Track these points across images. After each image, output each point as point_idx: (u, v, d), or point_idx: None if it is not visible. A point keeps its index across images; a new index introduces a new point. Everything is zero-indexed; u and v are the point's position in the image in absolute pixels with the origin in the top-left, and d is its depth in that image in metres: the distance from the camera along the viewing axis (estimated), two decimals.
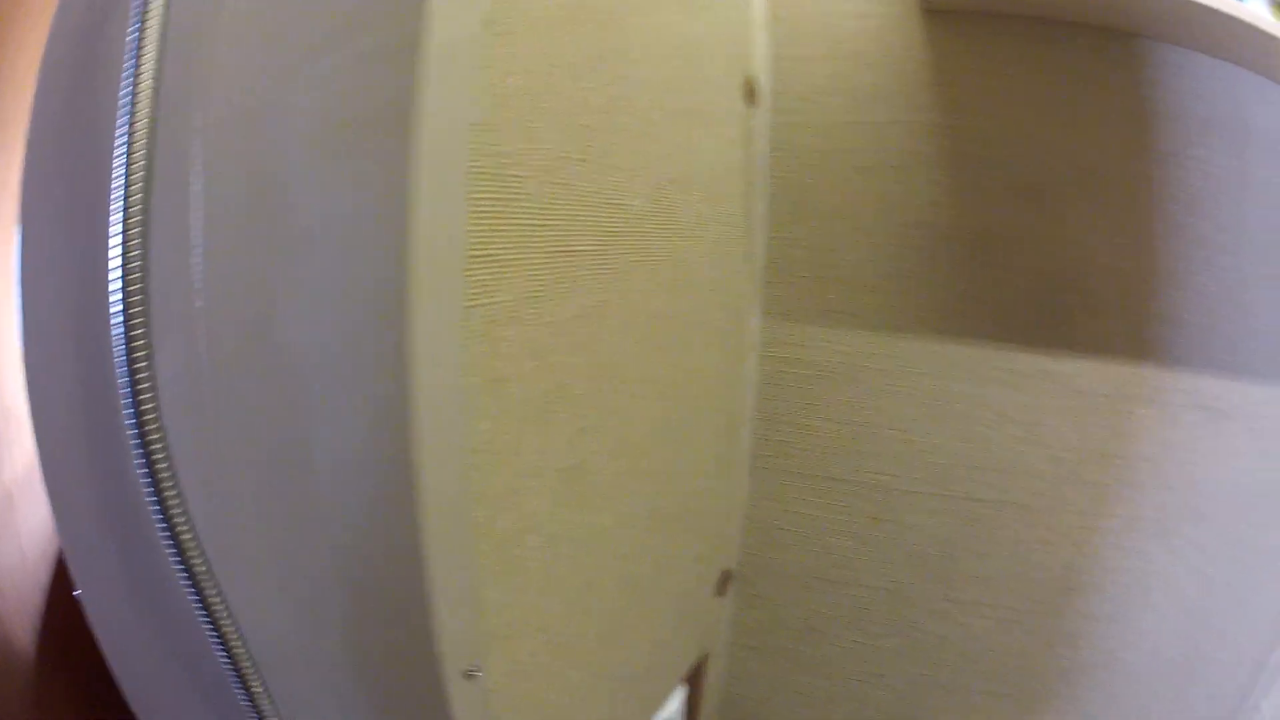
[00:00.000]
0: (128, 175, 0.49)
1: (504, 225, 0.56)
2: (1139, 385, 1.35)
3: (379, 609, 0.55)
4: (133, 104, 0.49)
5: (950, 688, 1.52)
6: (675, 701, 1.26)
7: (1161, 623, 1.46)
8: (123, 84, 0.50)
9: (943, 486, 1.38)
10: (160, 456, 0.51)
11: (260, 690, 0.57)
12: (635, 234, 0.74)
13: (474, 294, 0.54)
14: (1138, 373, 1.35)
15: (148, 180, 0.50)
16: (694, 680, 1.42)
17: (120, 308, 0.49)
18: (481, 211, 0.53)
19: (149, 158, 0.50)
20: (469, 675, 0.59)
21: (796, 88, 1.27)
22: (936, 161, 1.28)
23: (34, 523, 0.71)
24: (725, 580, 1.41)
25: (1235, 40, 1.21)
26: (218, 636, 0.55)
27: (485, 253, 0.54)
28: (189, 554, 0.53)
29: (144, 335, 0.50)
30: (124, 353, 0.50)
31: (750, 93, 1.18)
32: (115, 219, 0.49)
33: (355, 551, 0.54)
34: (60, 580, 0.72)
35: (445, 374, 0.51)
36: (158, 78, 0.50)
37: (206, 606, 0.54)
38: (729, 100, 1.07)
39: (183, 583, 0.53)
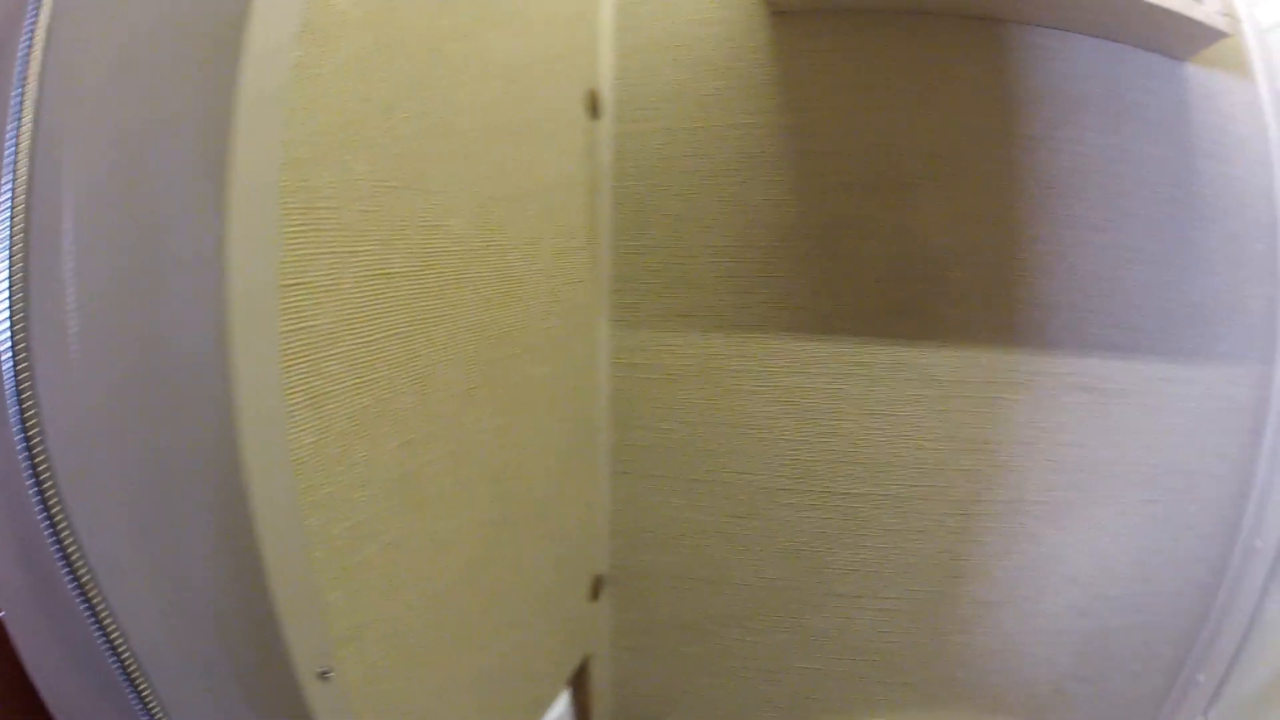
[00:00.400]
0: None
1: (318, 254, 0.60)
2: (1008, 370, 1.37)
3: (236, 613, 0.60)
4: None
5: (846, 679, 1.53)
6: (560, 705, 1.26)
7: (1061, 603, 1.49)
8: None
9: (808, 482, 1.39)
10: (44, 469, 0.56)
11: (148, 690, 0.60)
12: (457, 252, 0.78)
13: (291, 319, 0.58)
14: (1005, 358, 1.36)
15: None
16: (579, 684, 1.43)
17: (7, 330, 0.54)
18: (295, 243, 0.58)
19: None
20: (322, 676, 0.63)
21: (642, 97, 1.29)
22: (780, 161, 1.29)
23: None
24: (597, 584, 1.42)
25: (1111, 15, 1.24)
26: (104, 638, 0.58)
27: (301, 281, 0.58)
28: (74, 561, 0.57)
29: (25, 352, 0.55)
30: (11, 373, 0.54)
31: (593, 105, 1.21)
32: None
33: (211, 558, 0.58)
34: None
35: (266, 394, 0.55)
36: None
37: (93, 610, 0.58)
38: (569, 114, 1.11)
39: (70, 588, 0.57)
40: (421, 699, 0.80)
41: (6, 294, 0.54)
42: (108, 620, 0.59)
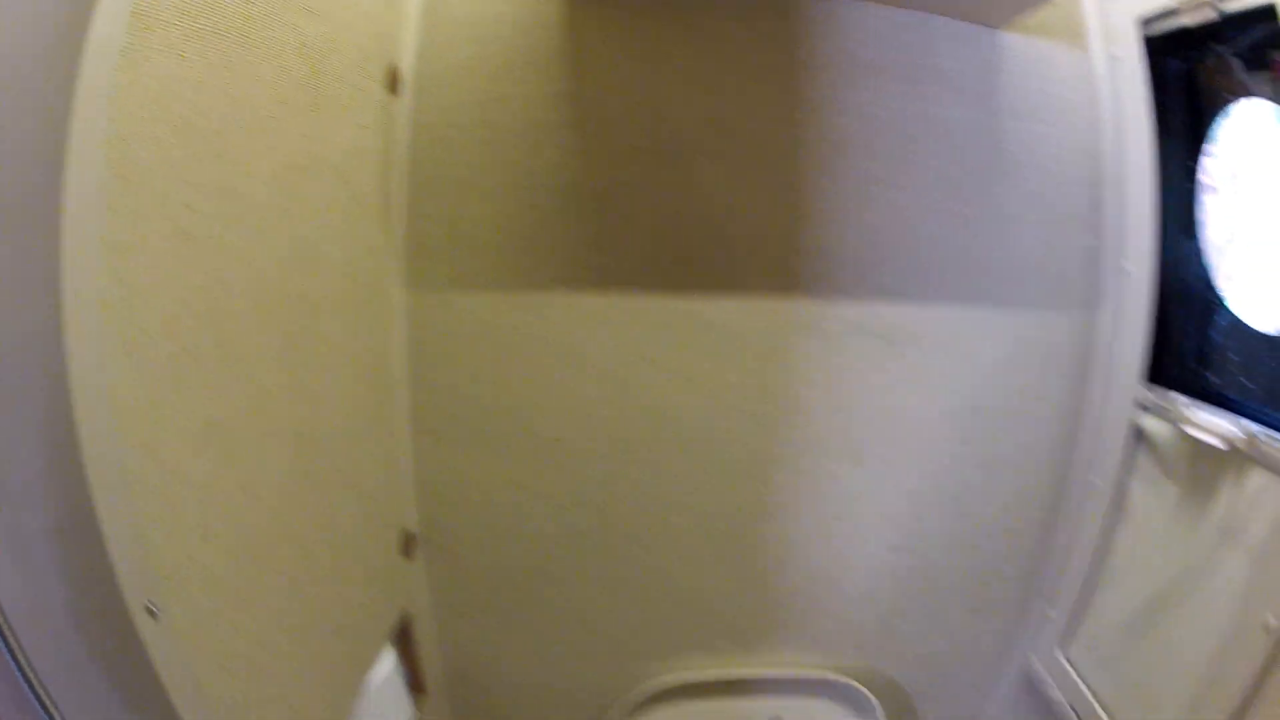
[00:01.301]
0: None
1: (129, 217, 0.66)
2: (794, 318, 1.42)
3: (67, 542, 0.64)
4: None
5: (660, 626, 1.59)
6: (387, 663, 1.29)
7: (875, 540, 1.56)
8: None
9: (595, 433, 1.45)
10: None
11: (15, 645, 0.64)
12: (254, 218, 0.84)
13: (107, 278, 0.64)
14: (790, 306, 1.42)
15: None
16: (405, 643, 1.44)
17: None
18: (114, 209, 0.65)
19: None
20: (150, 611, 0.69)
21: (439, 72, 1.32)
22: (563, 128, 1.34)
23: None
24: (408, 541, 1.45)
25: None
26: None
27: (115, 240, 0.65)
28: None
29: None
30: None
31: (392, 82, 1.26)
32: None
33: (44, 495, 0.64)
34: None
35: (88, 343, 0.62)
36: None
37: None
38: (367, 91, 1.16)
39: None
40: (245, 644, 0.85)
41: None
42: None
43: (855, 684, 1.62)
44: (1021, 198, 1.43)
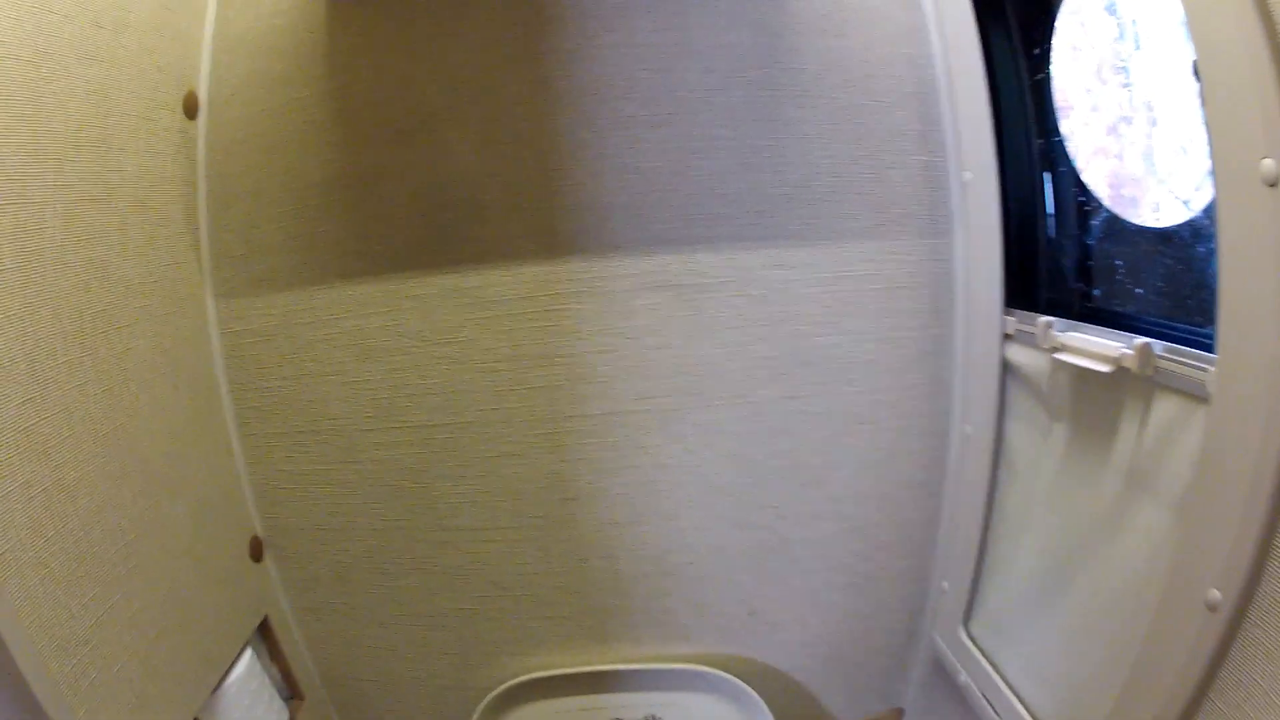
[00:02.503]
0: None
1: None
2: (568, 280, 1.39)
3: None
4: None
5: (501, 619, 1.59)
6: (244, 662, 1.32)
7: (712, 515, 1.51)
8: None
9: (389, 419, 1.46)
10: None
11: None
12: (52, 249, 0.97)
13: None
14: (561, 268, 1.38)
15: None
16: (272, 645, 1.49)
17: None
18: None
19: None
20: None
21: (229, 90, 1.38)
22: (326, 124, 1.37)
23: None
24: (257, 546, 1.50)
25: None
26: None
27: None
28: None
29: None
30: None
31: (190, 107, 1.33)
32: None
33: None
34: None
35: None
36: None
37: None
38: (161, 120, 1.26)
39: None
40: (85, 631, 0.95)
41: None
42: None
43: (727, 676, 1.56)
44: (827, 120, 1.34)
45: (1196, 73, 0.81)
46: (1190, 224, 0.99)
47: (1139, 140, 1.08)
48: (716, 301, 1.39)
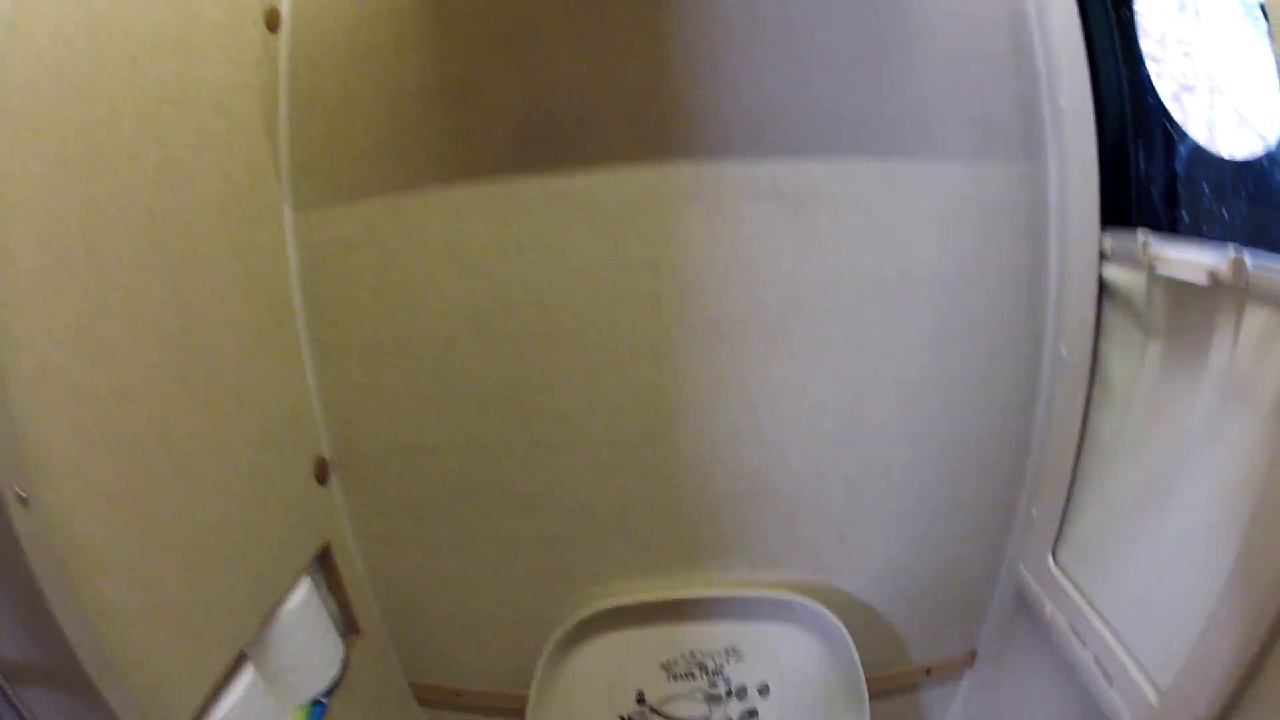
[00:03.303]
0: None
1: (11, 153, 0.81)
2: (678, 183, 1.35)
3: None
4: None
5: (594, 546, 1.58)
6: (301, 591, 1.29)
7: (813, 436, 1.47)
8: None
9: (484, 330, 1.42)
10: None
11: None
12: (124, 145, 0.96)
13: None
14: (672, 171, 1.35)
15: None
16: (331, 574, 1.48)
17: None
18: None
19: None
20: (23, 501, 0.74)
21: (312, 4, 1.35)
22: (423, 32, 1.33)
23: None
24: (323, 468, 1.47)
25: None
26: None
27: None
28: None
29: None
30: None
31: (273, 21, 1.33)
32: None
33: None
34: None
35: None
36: None
37: None
38: (244, 31, 1.26)
39: None
40: (126, 551, 0.91)
41: None
42: None
43: (811, 604, 1.55)
44: (931, 45, 1.33)
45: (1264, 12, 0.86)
46: (1268, 154, 1.04)
47: (1216, 72, 1.14)
48: (825, 214, 1.36)
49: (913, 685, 1.74)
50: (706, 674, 1.63)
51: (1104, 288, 1.31)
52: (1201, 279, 1.02)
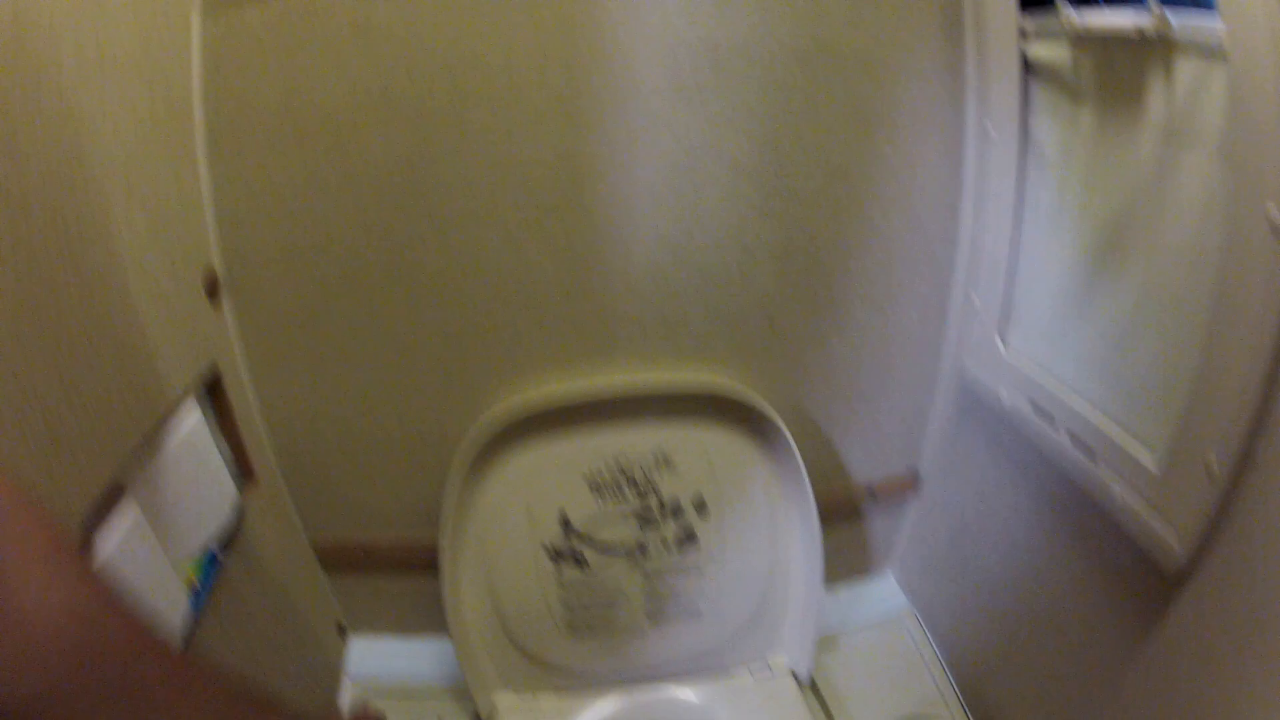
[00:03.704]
0: None
1: None
2: None
3: None
4: None
5: (494, 336, 1.50)
6: (188, 421, 1.19)
7: (726, 202, 1.43)
8: None
9: (389, 103, 1.34)
10: None
11: None
12: None
13: None
14: None
15: None
16: (219, 403, 1.37)
17: None
18: None
19: None
20: None
21: None
22: None
23: None
24: (214, 284, 1.36)
25: None
26: None
27: None
28: None
29: None
30: None
31: None
32: None
33: None
34: None
35: None
36: None
37: None
38: None
39: None
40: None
41: None
42: None
43: (749, 396, 1.49)
44: None
45: None
46: None
47: None
48: None
49: (856, 510, 1.80)
50: (636, 487, 1.56)
51: (1028, 66, 1.29)
52: (1130, 33, 1.04)
